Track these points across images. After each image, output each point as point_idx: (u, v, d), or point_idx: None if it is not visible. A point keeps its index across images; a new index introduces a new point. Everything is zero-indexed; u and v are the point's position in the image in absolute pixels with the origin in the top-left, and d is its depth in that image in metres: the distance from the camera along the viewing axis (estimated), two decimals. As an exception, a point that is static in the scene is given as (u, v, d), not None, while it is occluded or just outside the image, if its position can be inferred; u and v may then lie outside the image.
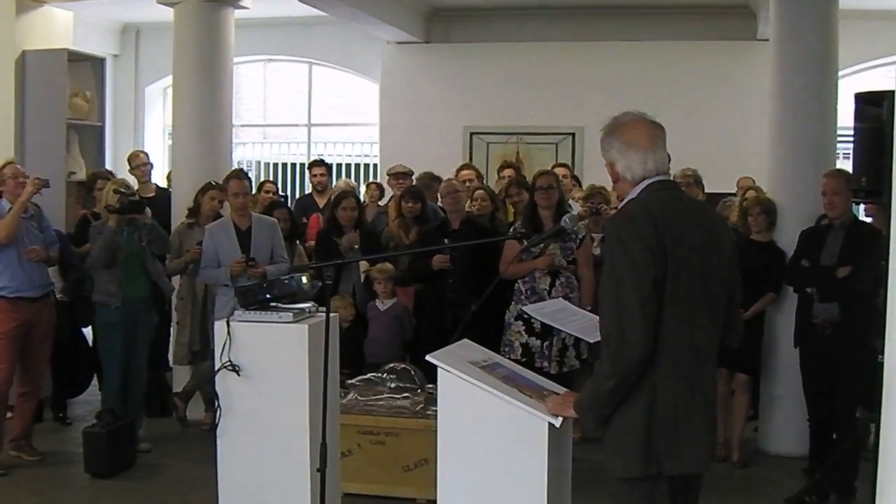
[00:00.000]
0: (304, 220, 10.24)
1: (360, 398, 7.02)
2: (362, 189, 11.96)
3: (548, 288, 7.51)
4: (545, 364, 7.30)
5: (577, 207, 8.72)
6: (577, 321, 4.80)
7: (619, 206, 3.91)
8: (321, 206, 10.22)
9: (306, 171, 12.68)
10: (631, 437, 3.65)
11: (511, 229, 8.10)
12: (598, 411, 3.69)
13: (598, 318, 4.66)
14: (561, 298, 6.62)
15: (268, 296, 5.13)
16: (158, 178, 11.18)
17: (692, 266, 3.68)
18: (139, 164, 9.99)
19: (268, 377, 5.00)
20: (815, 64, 8.05)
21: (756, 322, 7.86)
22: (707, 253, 3.76)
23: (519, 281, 7.56)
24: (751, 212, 8.01)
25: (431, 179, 9.89)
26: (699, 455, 3.74)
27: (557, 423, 3.78)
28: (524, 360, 7.13)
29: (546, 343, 7.34)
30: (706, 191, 9.47)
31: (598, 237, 8.16)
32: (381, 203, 10.61)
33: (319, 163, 11.28)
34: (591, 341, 4.38)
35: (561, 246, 7.54)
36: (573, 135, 12.78)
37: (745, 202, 8.42)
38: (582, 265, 7.63)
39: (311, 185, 11.14)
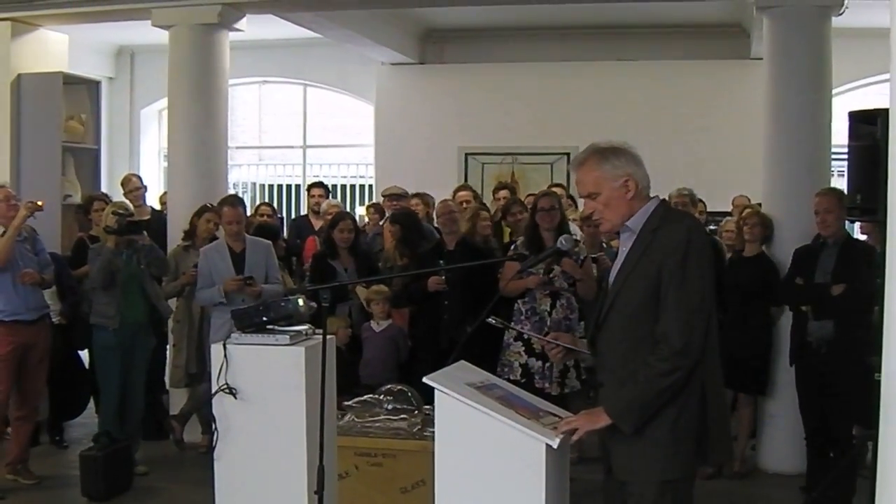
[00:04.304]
0: (298, 241, 10.25)
1: (356, 420, 7.00)
2: (359, 211, 11.98)
3: (548, 309, 7.53)
4: (546, 385, 7.30)
5: (574, 228, 8.68)
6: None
7: (650, 215, 3.93)
8: (317, 229, 10.21)
9: (303, 193, 12.71)
10: (687, 438, 3.81)
11: (512, 248, 8.10)
12: (645, 411, 3.78)
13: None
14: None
15: (264, 318, 5.12)
16: (153, 200, 11.19)
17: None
18: (132, 188, 9.97)
19: (265, 400, 4.99)
20: (809, 82, 8.08)
21: (754, 340, 7.88)
22: None
23: (519, 301, 7.58)
24: (747, 221, 8.01)
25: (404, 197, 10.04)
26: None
27: (555, 444, 3.78)
28: (523, 380, 7.14)
29: (547, 364, 7.32)
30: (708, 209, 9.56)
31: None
32: (381, 224, 10.60)
33: (319, 184, 11.32)
34: (585, 350, 4.35)
35: (563, 269, 7.53)
36: (568, 154, 12.79)
37: (743, 215, 8.43)
38: (586, 278, 7.61)
39: (307, 206, 11.14)
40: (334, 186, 14.26)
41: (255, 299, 7.64)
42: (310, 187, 11.45)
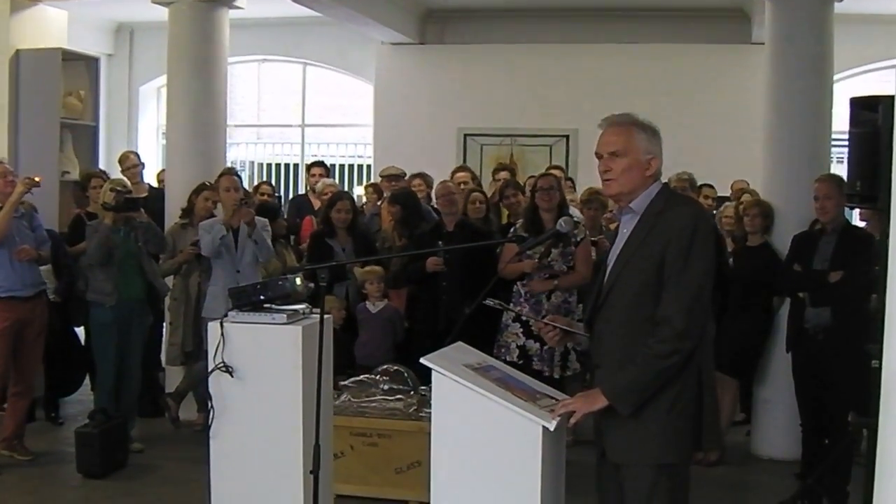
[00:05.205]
0: (298, 220, 10.24)
1: (353, 400, 7.02)
2: (357, 191, 11.96)
3: (546, 291, 7.52)
4: (545, 368, 7.30)
5: (574, 210, 8.66)
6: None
7: (653, 198, 3.94)
8: (316, 208, 10.20)
9: (300, 172, 12.66)
10: (684, 421, 3.83)
11: (511, 230, 8.07)
12: (643, 393, 3.78)
13: None
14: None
15: (261, 297, 5.12)
16: (151, 178, 11.17)
17: None
18: (130, 165, 9.95)
19: (261, 378, 4.98)
20: (811, 68, 8.05)
21: (743, 327, 7.88)
22: None
23: (518, 283, 7.58)
24: (748, 212, 7.99)
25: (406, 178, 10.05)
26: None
27: (551, 426, 3.78)
28: (521, 362, 7.13)
29: (545, 347, 7.30)
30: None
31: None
32: (378, 204, 10.57)
33: (320, 164, 11.30)
34: (582, 332, 4.33)
35: (561, 252, 7.53)
36: (567, 137, 12.79)
37: (743, 204, 8.40)
38: (580, 262, 7.60)
39: (308, 185, 11.13)
40: (332, 166, 14.21)
41: (251, 228, 7.88)
42: (310, 166, 11.43)
